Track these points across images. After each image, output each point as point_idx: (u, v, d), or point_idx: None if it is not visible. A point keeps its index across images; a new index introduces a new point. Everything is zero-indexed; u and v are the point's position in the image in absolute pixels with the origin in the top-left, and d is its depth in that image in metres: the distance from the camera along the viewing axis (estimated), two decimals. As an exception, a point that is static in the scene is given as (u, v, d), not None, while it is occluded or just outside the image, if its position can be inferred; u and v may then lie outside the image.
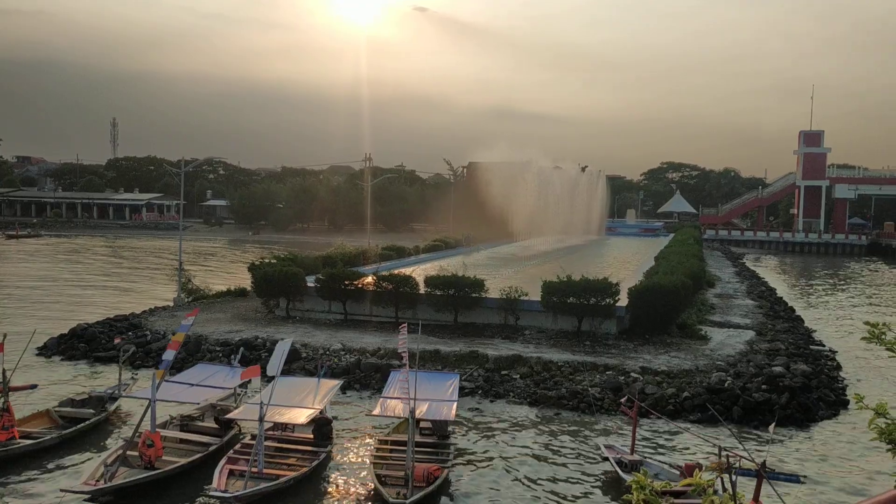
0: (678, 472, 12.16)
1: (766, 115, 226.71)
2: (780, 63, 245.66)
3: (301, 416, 13.64)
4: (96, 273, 47.37)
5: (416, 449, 13.11)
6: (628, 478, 12.15)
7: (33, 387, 15.81)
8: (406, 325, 14.19)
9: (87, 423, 15.12)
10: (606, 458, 13.34)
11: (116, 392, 16.43)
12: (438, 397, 14.31)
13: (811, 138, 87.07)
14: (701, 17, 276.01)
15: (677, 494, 9.77)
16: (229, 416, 14.49)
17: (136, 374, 18.60)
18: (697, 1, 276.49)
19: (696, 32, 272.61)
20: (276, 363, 13.52)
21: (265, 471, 12.38)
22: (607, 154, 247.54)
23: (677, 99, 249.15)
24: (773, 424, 10.50)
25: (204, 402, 15.68)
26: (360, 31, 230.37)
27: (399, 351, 13.83)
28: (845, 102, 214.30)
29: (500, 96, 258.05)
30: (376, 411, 14.16)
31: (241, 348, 19.10)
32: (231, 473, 12.44)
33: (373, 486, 12.33)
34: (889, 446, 4.06)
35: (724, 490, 8.78)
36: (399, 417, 14.25)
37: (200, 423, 15.07)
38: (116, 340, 20.62)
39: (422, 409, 13.45)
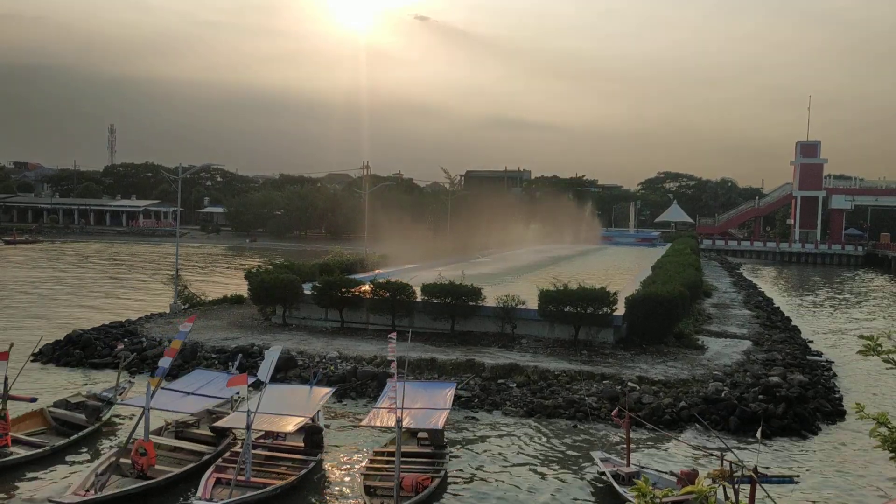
0: (675, 481, 12.10)
1: (763, 124, 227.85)
2: (776, 72, 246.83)
3: (289, 424, 13.31)
4: (92, 279, 47.22)
5: (410, 459, 12.96)
6: (624, 490, 12.10)
7: (33, 400, 15.54)
8: (395, 333, 14.07)
9: (82, 433, 14.94)
10: (603, 473, 13.21)
11: (114, 397, 16.29)
12: (430, 406, 14.07)
13: (808, 149, 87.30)
14: (694, 26, 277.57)
15: (677, 503, 9.70)
16: (217, 424, 14.32)
17: (132, 380, 18.48)
18: (691, 11, 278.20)
19: (689, 42, 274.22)
20: (265, 370, 13.42)
21: (252, 479, 12.26)
22: (604, 163, 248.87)
23: (673, 108, 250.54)
24: (759, 430, 10.45)
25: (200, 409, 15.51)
26: (360, 39, 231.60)
27: (389, 359, 13.72)
28: (840, 111, 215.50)
29: (496, 105, 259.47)
30: (365, 422, 14.01)
31: (240, 355, 19.00)
32: (218, 482, 12.27)
33: (360, 496, 12.18)
34: (893, 454, 4.05)
35: (727, 498, 8.74)
36: (386, 427, 14.11)
37: (195, 431, 14.94)
38: (118, 347, 20.53)
39: (409, 418, 13.28)
